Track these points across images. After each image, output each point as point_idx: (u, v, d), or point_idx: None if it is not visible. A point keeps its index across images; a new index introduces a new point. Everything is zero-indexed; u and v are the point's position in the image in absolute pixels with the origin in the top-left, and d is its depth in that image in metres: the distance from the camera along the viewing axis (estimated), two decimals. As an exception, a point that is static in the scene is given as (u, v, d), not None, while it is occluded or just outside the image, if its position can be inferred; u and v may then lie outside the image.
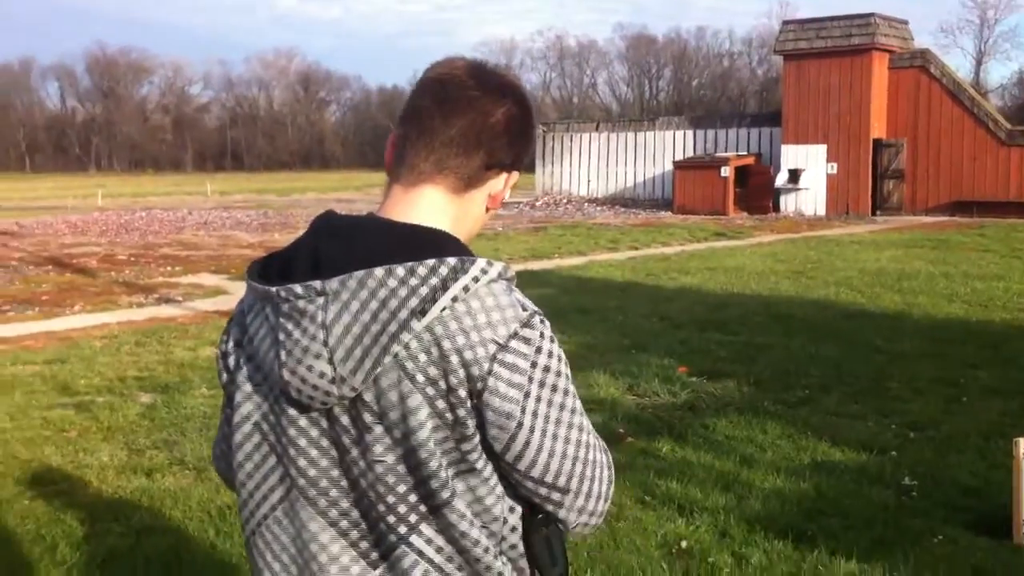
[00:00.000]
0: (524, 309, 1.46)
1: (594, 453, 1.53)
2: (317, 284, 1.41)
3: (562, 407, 1.47)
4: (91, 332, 10.30)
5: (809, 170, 27.59)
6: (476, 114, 1.51)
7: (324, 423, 1.47)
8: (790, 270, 14.77)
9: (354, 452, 1.45)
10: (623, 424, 6.52)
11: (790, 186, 27.80)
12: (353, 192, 49.37)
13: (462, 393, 1.41)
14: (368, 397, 1.42)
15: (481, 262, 1.42)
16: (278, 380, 1.45)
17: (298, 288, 1.41)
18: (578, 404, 1.52)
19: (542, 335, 1.46)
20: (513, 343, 1.42)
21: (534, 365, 1.43)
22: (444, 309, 1.39)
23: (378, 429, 1.43)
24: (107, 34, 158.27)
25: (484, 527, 1.47)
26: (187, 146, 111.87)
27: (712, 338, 9.39)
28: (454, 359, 1.40)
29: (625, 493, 5.15)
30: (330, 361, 1.40)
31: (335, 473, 1.48)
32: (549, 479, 1.47)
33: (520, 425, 1.43)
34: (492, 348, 1.41)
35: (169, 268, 16.01)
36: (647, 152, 32.67)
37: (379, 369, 1.39)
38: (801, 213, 27.42)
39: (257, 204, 37.98)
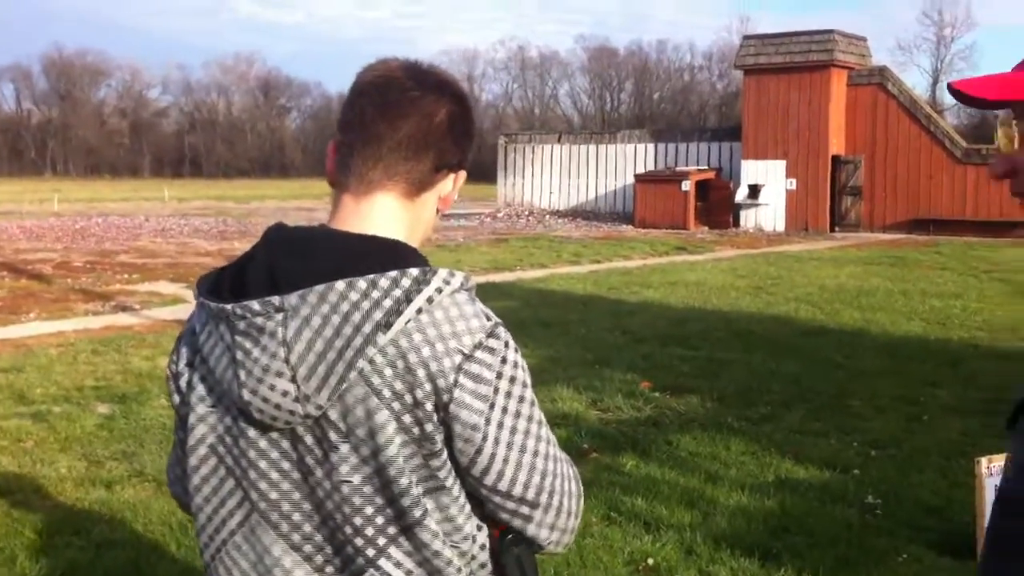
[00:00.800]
0: (488, 319, 1.44)
1: (562, 466, 1.50)
2: (276, 300, 1.36)
3: (529, 418, 1.45)
4: (47, 340, 10.14)
5: (769, 186, 27.83)
6: (420, 116, 1.48)
7: (285, 444, 1.43)
8: (750, 285, 14.87)
9: (319, 473, 1.41)
10: (587, 439, 6.52)
11: (750, 201, 28.03)
12: (313, 200, 49.07)
13: (428, 407, 1.37)
14: (333, 415, 1.38)
15: (443, 272, 1.40)
16: (237, 400, 1.41)
17: (255, 305, 1.37)
18: (543, 417, 1.49)
19: (506, 344, 1.44)
20: (478, 353, 1.39)
21: (499, 376, 1.41)
22: (408, 321, 1.36)
23: (344, 448, 1.39)
24: (64, 35, 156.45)
25: (455, 546, 1.44)
26: (144, 151, 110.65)
27: (674, 353, 9.42)
28: (420, 372, 1.37)
29: (591, 510, 5.14)
30: (293, 379, 1.36)
31: (297, 496, 1.44)
32: (517, 492, 1.45)
33: (485, 437, 1.40)
34: (457, 359, 1.38)
35: (126, 275, 15.82)
36: (608, 165, 32.81)
37: (344, 385, 1.36)
38: (761, 228, 27.65)
39: (216, 211, 37.69)
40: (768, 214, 27.95)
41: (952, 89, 1.31)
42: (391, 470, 1.38)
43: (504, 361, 1.42)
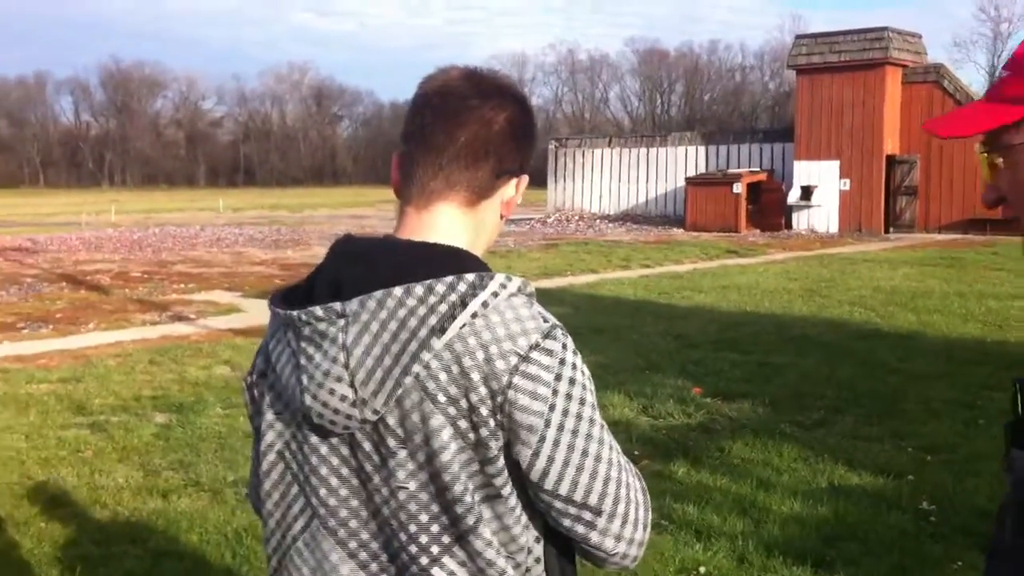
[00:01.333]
0: (545, 321, 1.43)
1: (626, 475, 1.47)
2: (337, 306, 1.39)
3: (591, 421, 1.42)
4: (105, 350, 10.32)
5: (822, 187, 27.54)
6: (479, 124, 1.48)
7: (345, 450, 1.45)
8: (803, 288, 14.74)
9: (376, 479, 1.43)
10: (638, 446, 6.50)
11: (802, 203, 27.77)
12: (365, 208, 49.50)
13: (484, 411, 1.37)
14: (391, 420, 1.40)
15: (500, 277, 1.40)
16: (300, 406, 1.44)
17: (319, 311, 1.40)
18: (604, 423, 1.47)
19: (564, 346, 1.42)
20: (534, 354, 1.38)
21: (558, 377, 1.39)
22: (464, 326, 1.36)
23: (402, 454, 1.40)
24: (122, 48, 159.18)
25: (510, 557, 1.43)
26: (200, 161, 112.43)
27: (726, 358, 9.37)
28: (475, 376, 1.37)
29: (641, 517, 5.13)
30: (351, 384, 1.38)
31: (355, 502, 1.46)
32: (578, 497, 1.42)
33: (543, 439, 1.38)
34: (513, 360, 1.37)
35: (182, 285, 16.05)
36: (659, 168, 32.69)
37: (400, 390, 1.37)
38: (813, 230, 27.37)
39: (269, 220, 38.12)
40: (821, 216, 27.67)
41: (925, 129, 1.35)
42: (446, 476, 1.38)
43: (563, 363, 1.40)
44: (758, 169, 29.65)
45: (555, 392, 1.39)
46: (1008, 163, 1.29)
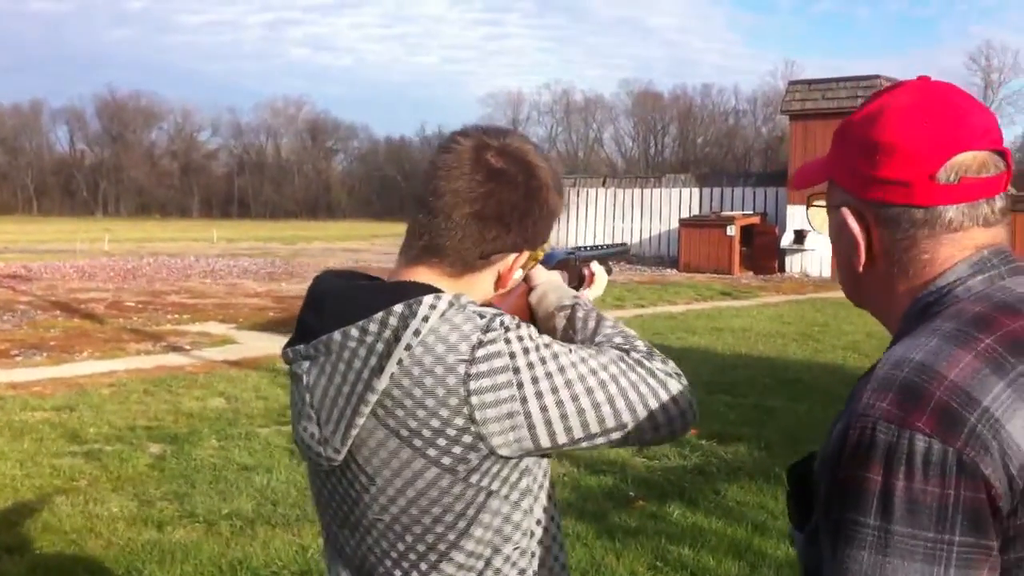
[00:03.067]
0: (481, 317, 1.43)
1: (622, 378, 1.47)
2: (301, 348, 1.49)
3: (561, 369, 1.43)
4: (99, 379, 10.30)
5: (814, 232, 27.65)
6: (468, 204, 1.48)
7: (334, 480, 1.52)
8: (798, 332, 14.79)
9: (360, 505, 1.49)
10: (634, 487, 6.51)
11: (795, 247, 27.90)
12: (359, 242, 49.57)
13: (452, 431, 1.39)
14: (360, 458, 1.45)
15: (428, 299, 1.41)
16: (296, 439, 1.56)
17: (289, 353, 1.51)
18: (578, 352, 1.47)
19: (506, 329, 1.42)
20: (480, 352, 1.40)
21: (512, 356, 1.41)
22: (401, 361, 1.39)
23: (373, 489, 1.45)
24: (118, 78, 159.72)
25: (516, 546, 1.49)
26: (194, 192, 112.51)
27: (721, 400, 9.39)
28: (430, 402, 1.39)
29: (637, 559, 5.14)
30: (317, 422, 1.47)
31: (347, 530, 1.53)
32: (596, 430, 1.45)
33: (529, 414, 1.40)
34: (462, 368, 1.39)
35: (177, 316, 16.04)
36: (653, 209, 32.84)
37: (354, 431, 1.42)
38: (807, 274, 27.49)
39: (263, 252, 38.12)
40: (814, 259, 27.79)
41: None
42: (422, 502, 1.43)
43: (508, 341, 1.41)
44: (752, 212, 29.81)
45: (516, 370, 1.40)
46: (831, 218, 1.31)
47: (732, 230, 27.80)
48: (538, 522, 1.52)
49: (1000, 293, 1.20)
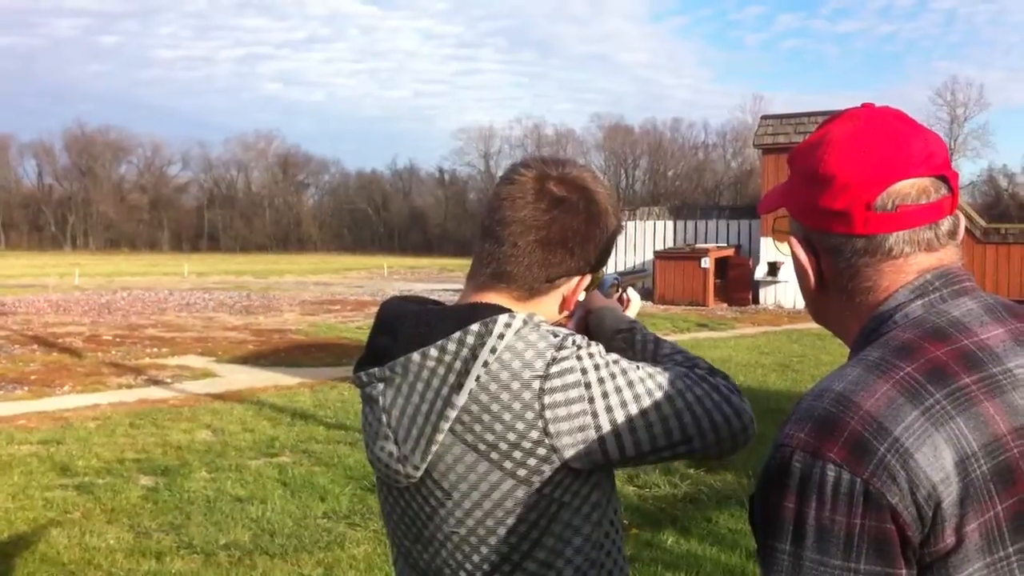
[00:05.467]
0: (555, 336, 1.50)
1: (688, 392, 1.52)
2: (376, 371, 1.56)
3: (630, 384, 1.49)
4: (83, 413, 10.26)
5: (788, 263, 27.88)
6: (533, 231, 1.55)
7: (407, 496, 1.58)
8: (776, 363, 14.93)
9: (436, 520, 1.54)
10: (627, 515, 6.57)
11: (769, 279, 28.14)
12: (331, 275, 49.43)
13: (527, 444, 1.45)
14: (436, 474, 1.51)
15: (503, 318, 1.48)
16: (370, 459, 1.62)
17: (363, 376, 1.58)
18: (645, 368, 1.54)
19: (578, 347, 1.49)
20: (554, 368, 1.46)
21: (584, 372, 1.47)
22: (479, 377, 1.46)
23: (449, 503, 1.51)
24: (87, 113, 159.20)
25: (586, 557, 1.53)
26: (164, 226, 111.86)
27: (706, 429, 9.47)
28: (507, 416, 1.45)
29: (638, 584, 5.19)
30: (395, 441, 1.53)
31: (419, 545, 1.59)
32: (663, 443, 1.50)
33: (600, 427, 1.46)
34: (536, 384, 1.45)
35: (155, 349, 15.97)
36: (627, 242, 33.03)
37: (434, 447, 1.49)
38: (780, 306, 27.72)
39: (235, 285, 37.97)
40: (788, 291, 28.03)
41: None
42: (498, 513, 1.49)
43: (580, 358, 1.48)
44: (725, 244, 30.05)
45: (587, 385, 1.47)
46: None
47: (707, 262, 28.01)
48: (606, 535, 1.58)
49: (935, 318, 1.20)
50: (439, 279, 44.24)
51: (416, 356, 1.50)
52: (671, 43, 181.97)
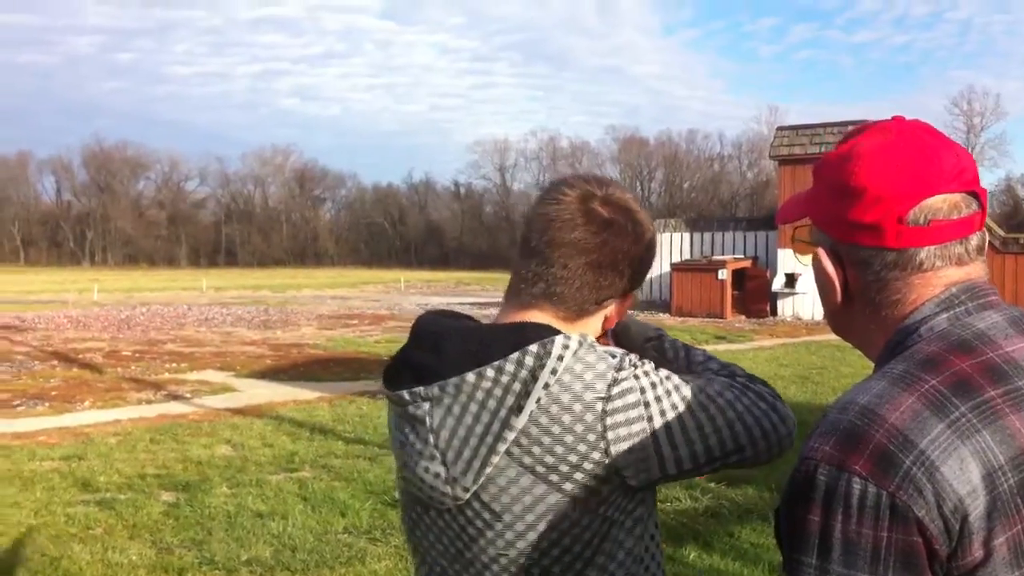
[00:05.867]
0: (613, 356, 1.50)
1: (737, 403, 1.53)
2: (421, 390, 1.52)
3: (684, 400, 1.50)
4: (104, 428, 10.30)
5: (806, 274, 27.87)
6: (584, 254, 1.55)
7: (448, 518, 1.55)
8: (795, 375, 14.87)
9: (481, 542, 1.52)
10: (649, 529, 6.54)
11: (787, 290, 28.06)
12: (348, 289, 49.56)
13: (589, 466, 1.45)
14: (486, 496, 1.49)
15: (559, 339, 1.47)
16: (407, 478, 1.58)
17: (405, 394, 1.54)
18: (694, 382, 1.54)
19: (635, 366, 1.49)
20: (615, 390, 1.46)
21: (642, 391, 1.47)
22: (540, 399, 1.45)
23: (499, 525, 1.49)
24: (106, 129, 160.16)
25: (625, 572, 1.52)
26: (182, 241, 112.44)
27: (726, 442, 9.43)
28: (568, 438, 1.44)
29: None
30: (443, 463, 1.50)
31: (458, 566, 1.56)
32: (718, 454, 1.50)
33: (659, 446, 1.46)
34: (599, 406, 1.45)
35: (174, 364, 16.03)
36: (644, 254, 32.98)
37: (489, 468, 1.46)
38: (799, 317, 27.63)
39: (252, 300, 38.09)
40: (806, 303, 27.94)
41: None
42: (553, 535, 1.47)
43: (638, 377, 1.48)
44: (742, 256, 29.99)
45: (646, 405, 1.46)
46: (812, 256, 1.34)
47: (724, 274, 27.95)
48: (646, 548, 1.57)
49: (960, 330, 1.20)
50: (456, 292, 44.29)
51: (471, 376, 1.48)
52: (684, 55, 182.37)
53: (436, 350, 1.54)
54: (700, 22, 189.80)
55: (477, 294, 41.95)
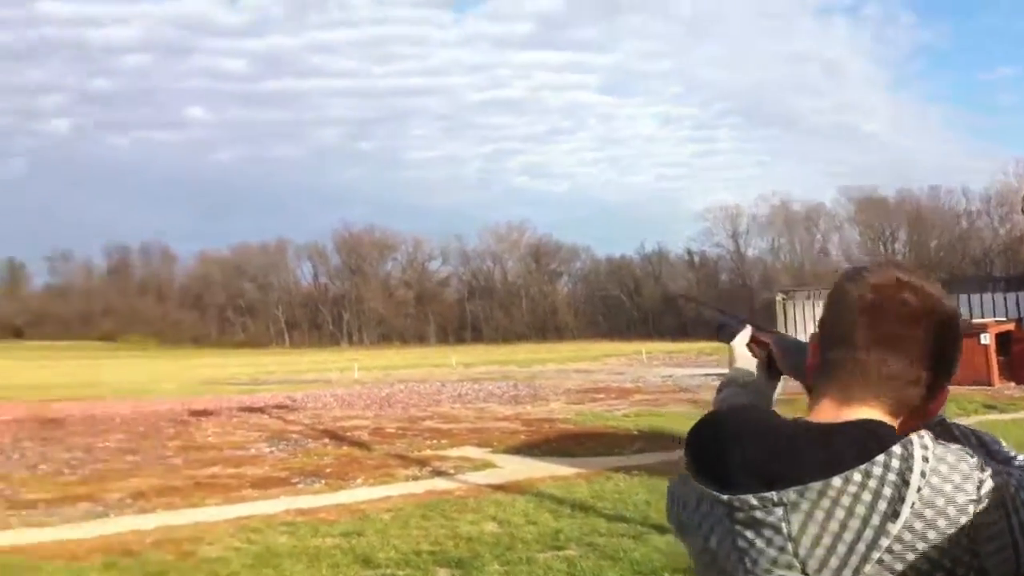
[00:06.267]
0: (971, 456, 1.46)
1: None
2: (774, 496, 1.48)
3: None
4: (377, 504, 10.85)
5: (1079, 336, 25.99)
6: (915, 347, 1.52)
7: None
8: (1077, 445, 13.86)
9: None
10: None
11: (1059, 353, 26.22)
12: (590, 362, 49.92)
13: (960, 570, 1.43)
14: None
15: (915, 439, 1.44)
16: None
17: (753, 499, 1.50)
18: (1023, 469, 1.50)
19: (994, 463, 1.47)
20: (983, 490, 1.42)
21: (1001, 488, 1.43)
22: (913, 504, 1.41)
23: None
24: (352, 214, 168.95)
25: None
26: (429, 319, 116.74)
27: None
28: (943, 543, 1.42)
29: None
30: (803, 572, 1.47)
31: None
32: None
33: (1017, 545, 1.43)
34: (971, 508, 1.42)
35: (435, 440, 16.67)
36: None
37: None
38: (1073, 382, 25.73)
39: (502, 375, 39.01)
40: (1081, 366, 26.02)
41: None
42: None
43: (999, 474, 1.44)
44: (1004, 319, 28.32)
45: (1003, 503, 1.42)
46: None
47: (986, 338, 26.44)
48: None
49: None
50: (699, 363, 43.80)
51: (837, 481, 1.44)
52: (916, 108, 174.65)
53: (790, 452, 1.52)
54: (930, 73, 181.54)
55: (720, 365, 41.28)
